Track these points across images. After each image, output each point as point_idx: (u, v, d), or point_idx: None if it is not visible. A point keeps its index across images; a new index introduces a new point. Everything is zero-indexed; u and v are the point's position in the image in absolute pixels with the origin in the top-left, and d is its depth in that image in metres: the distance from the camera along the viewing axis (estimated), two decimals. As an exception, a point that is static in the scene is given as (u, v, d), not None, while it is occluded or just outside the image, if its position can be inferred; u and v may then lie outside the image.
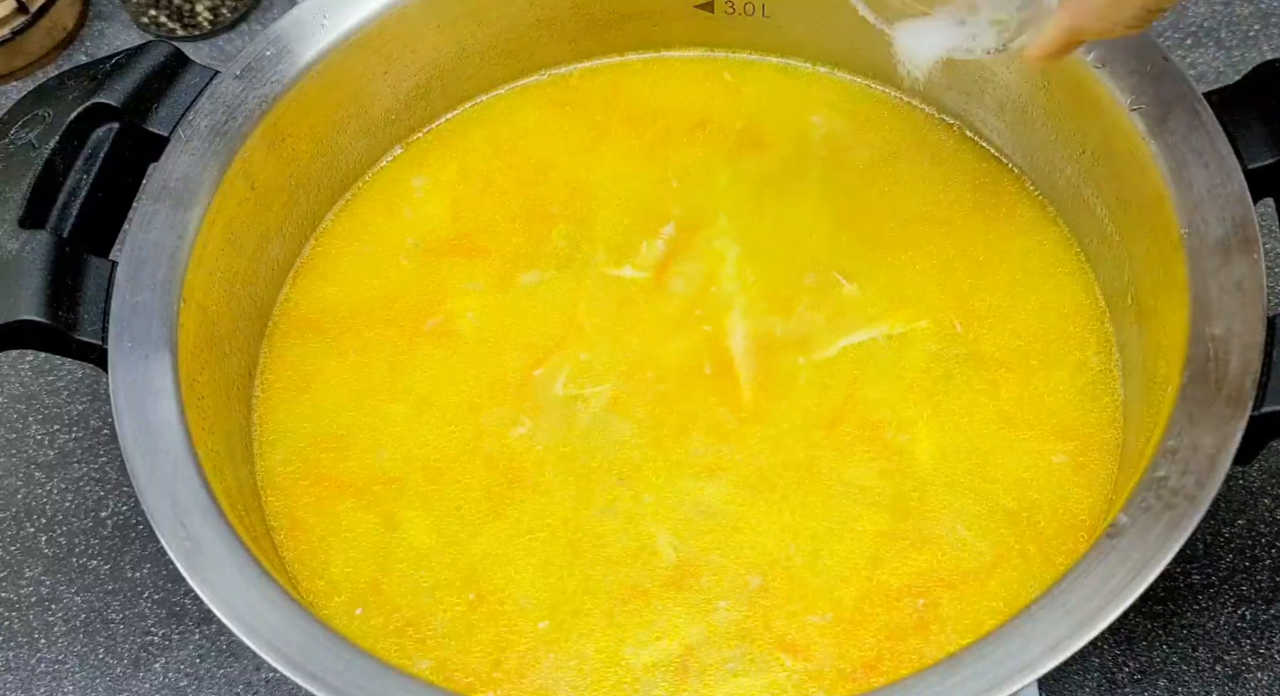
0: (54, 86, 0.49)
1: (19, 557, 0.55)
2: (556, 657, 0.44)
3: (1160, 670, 0.49)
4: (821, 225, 0.52)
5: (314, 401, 0.50)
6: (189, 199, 0.47)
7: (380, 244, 0.54)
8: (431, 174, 0.56)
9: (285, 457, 0.49)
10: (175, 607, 0.53)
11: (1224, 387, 0.40)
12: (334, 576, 0.46)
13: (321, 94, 0.52)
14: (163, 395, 0.43)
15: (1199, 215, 0.43)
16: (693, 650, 0.44)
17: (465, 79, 0.57)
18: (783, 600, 0.44)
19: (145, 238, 0.46)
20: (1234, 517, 0.52)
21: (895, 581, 0.44)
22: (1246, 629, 0.50)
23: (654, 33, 0.56)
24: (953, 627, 0.43)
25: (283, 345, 0.52)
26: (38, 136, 0.47)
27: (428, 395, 0.50)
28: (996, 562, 0.45)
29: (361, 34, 0.52)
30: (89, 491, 0.57)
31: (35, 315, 0.43)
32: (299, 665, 0.38)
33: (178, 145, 0.48)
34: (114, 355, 0.44)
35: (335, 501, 0.48)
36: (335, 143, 0.54)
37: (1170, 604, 0.50)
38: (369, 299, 0.53)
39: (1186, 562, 0.51)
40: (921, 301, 0.50)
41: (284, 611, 0.39)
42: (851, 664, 0.43)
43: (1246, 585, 0.51)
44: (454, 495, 0.47)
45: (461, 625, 0.45)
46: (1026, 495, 0.46)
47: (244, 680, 0.52)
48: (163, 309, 0.45)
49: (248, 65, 0.50)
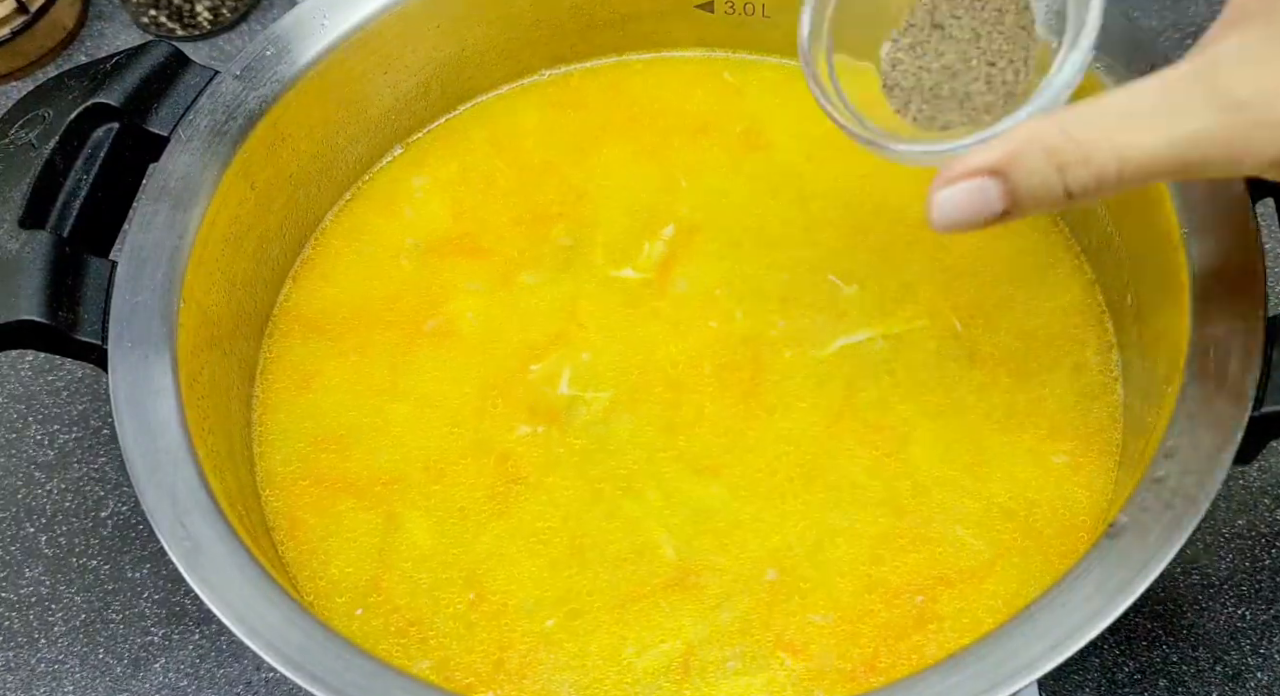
0: (54, 86, 0.49)
1: (19, 558, 0.55)
2: (558, 658, 0.44)
3: (1160, 670, 0.49)
4: (822, 226, 0.52)
5: (314, 401, 0.50)
6: (189, 199, 0.47)
7: (380, 244, 0.54)
8: (432, 174, 0.56)
9: (285, 457, 0.49)
10: (175, 607, 0.53)
11: (1224, 388, 0.40)
12: (334, 576, 0.46)
13: (322, 94, 0.52)
14: (163, 395, 0.43)
15: (1199, 215, 0.43)
16: (694, 649, 0.44)
17: (466, 79, 0.57)
18: (783, 599, 0.44)
19: (145, 238, 0.46)
20: (1234, 518, 0.52)
21: (894, 580, 0.44)
22: (1247, 629, 0.50)
23: (655, 33, 0.56)
24: (952, 626, 0.43)
25: (283, 345, 0.52)
26: (38, 136, 0.47)
27: (428, 395, 0.50)
28: (995, 562, 0.45)
29: (362, 34, 0.52)
30: (89, 491, 0.57)
31: (35, 315, 0.43)
32: (299, 665, 0.38)
33: (178, 145, 0.48)
34: (114, 355, 0.44)
35: (336, 501, 0.48)
36: (335, 142, 0.54)
37: (1170, 604, 0.50)
38: (369, 299, 0.52)
39: (1187, 563, 0.51)
40: (921, 301, 0.50)
41: (284, 611, 0.39)
42: (851, 662, 0.43)
43: (1247, 585, 0.51)
44: (455, 495, 0.47)
45: (462, 625, 0.45)
46: (1026, 495, 0.46)
47: (244, 680, 0.52)
48: (163, 309, 0.45)
49: (248, 65, 0.50)
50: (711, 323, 0.50)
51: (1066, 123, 0.33)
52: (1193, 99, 0.32)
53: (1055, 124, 0.33)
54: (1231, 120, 0.31)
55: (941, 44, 0.40)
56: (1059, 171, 0.33)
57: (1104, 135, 0.32)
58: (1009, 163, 0.33)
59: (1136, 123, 0.32)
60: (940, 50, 0.40)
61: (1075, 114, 0.33)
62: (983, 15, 0.40)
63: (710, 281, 0.51)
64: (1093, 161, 0.32)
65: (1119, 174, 0.32)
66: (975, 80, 0.39)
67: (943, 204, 0.34)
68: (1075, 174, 0.33)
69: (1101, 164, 0.32)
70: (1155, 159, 0.32)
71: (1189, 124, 0.32)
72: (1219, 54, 0.32)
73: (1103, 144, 0.32)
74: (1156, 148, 0.32)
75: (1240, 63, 0.31)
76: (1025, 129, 0.34)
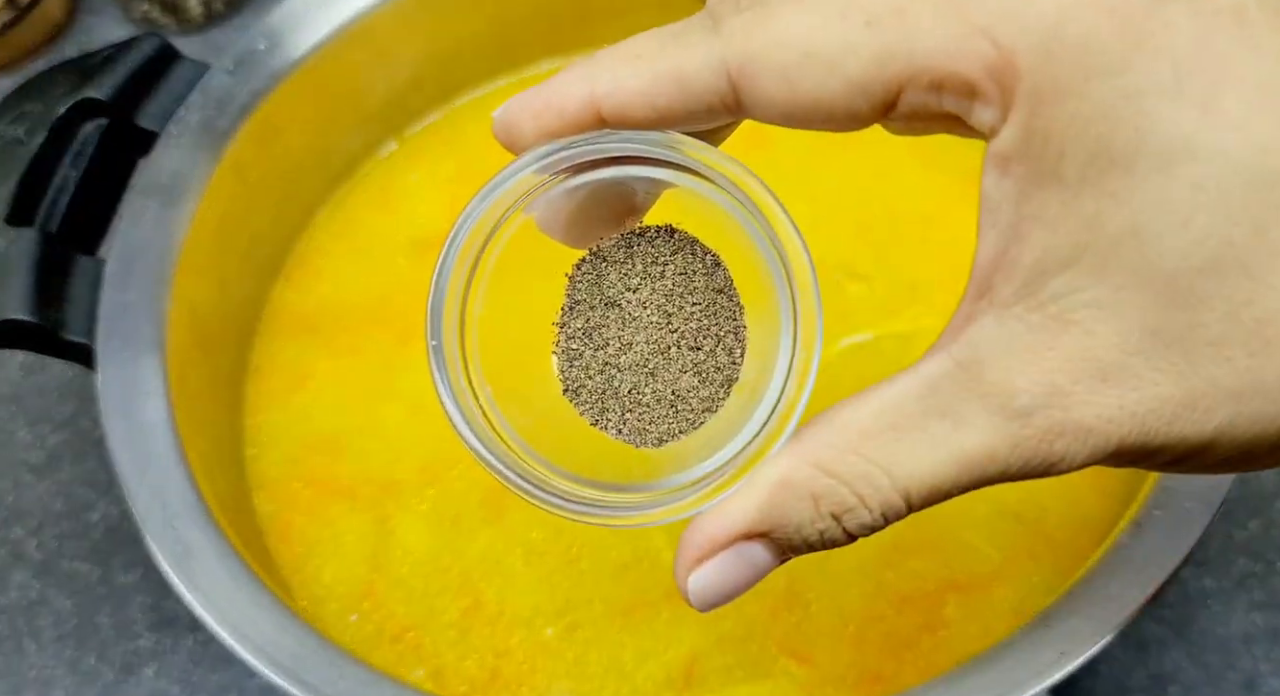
0: (43, 81, 0.48)
1: (7, 561, 0.54)
2: (556, 666, 0.43)
3: (1172, 677, 0.49)
4: (827, 225, 0.52)
5: (306, 402, 0.49)
6: (179, 195, 0.47)
7: (374, 241, 0.53)
8: (427, 169, 0.55)
9: (277, 460, 0.48)
10: (166, 613, 0.53)
11: (1238, 389, 0.39)
12: (327, 581, 0.45)
13: (314, 88, 0.51)
14: (152, 396, 0.43)
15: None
16: (696, 657, 0.43)
17: (461, 71, 0.56)
18: (787, 605, 0.44)
19: (134, 235, 0.46)
20: (1247, 521, 0.51)
21: (903, 586, 0.44)
22: (1260, 635, 0.49)
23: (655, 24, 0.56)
24: (961, 633, 0.43)
25: (274, 345, 0.51)
26: (25, 132, 0.46)
27: (422, 397, 0.49)
28: (1005, 567, 0.44)
29: (355, 26, 0.51)
30: (79, 494, 0.56)
31: (22, 314, 0.42)
32: (292, 673, 0.37)
33: (168, 140, 0.48)
34: (102, 355, 0.43)
35: (328, 505, 0.47)
36: (328, 138, 0.53)
37: (1182, 609, 0.50)
38: (362, 297, 0.52)
39: (1198, 567, 0.51)
40: (927, 300, 0.49)
41: (276, 618, 0.39)
42: (858, 670, 0.42)
43: (1260, 590, 0.50)
44: (450, 499, 0.47)
45: (457, 632, 0.44)
46: (1035, 499, 0.45)
47: (236, 686, 0.51)
48: (152, 308, 0.44)
49: (239, 59, 0.50)
50: (713, 322, 0.50)
51: (821, 456, 0.26)
52: (966, 404, 0.25)
53: (809, 458, 0.26)
54: (1017, 433, 0.25)
55: (624, 330, 0.31)
56: (835, 520, 0.27)
57: (873, 466, 0.26)
58: (770, 520, 0.27)
59: (908, 440, 0.26)
60: (624, 338, 0.31)
61: (828, 438, 0.27)
62: (664, 284, 0.31)
63: (712, 280, 0.51)
64: (872, 502, 0.26)
65: (908, 505, 0.26)
66: (682, 372, 0.31)
67: (704, 583, 0.28)
68: (856, 519, 0.26)
69: (884, 502, 0.26)
70: (943, 481, 0.26)
71: (970, 437, 0.25)
72: (978, 345, 0.26)
73: (876, 477, 0.26)
74: (942, 469, 0.25)
75: (1006, 355, 0.25)
76: (775, 473, 0.27)
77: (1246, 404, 0.24)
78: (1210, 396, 0.24)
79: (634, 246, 0.31)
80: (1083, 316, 0.24)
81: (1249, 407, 0.24)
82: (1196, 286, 0.23)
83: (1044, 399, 0.25)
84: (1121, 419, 0.25)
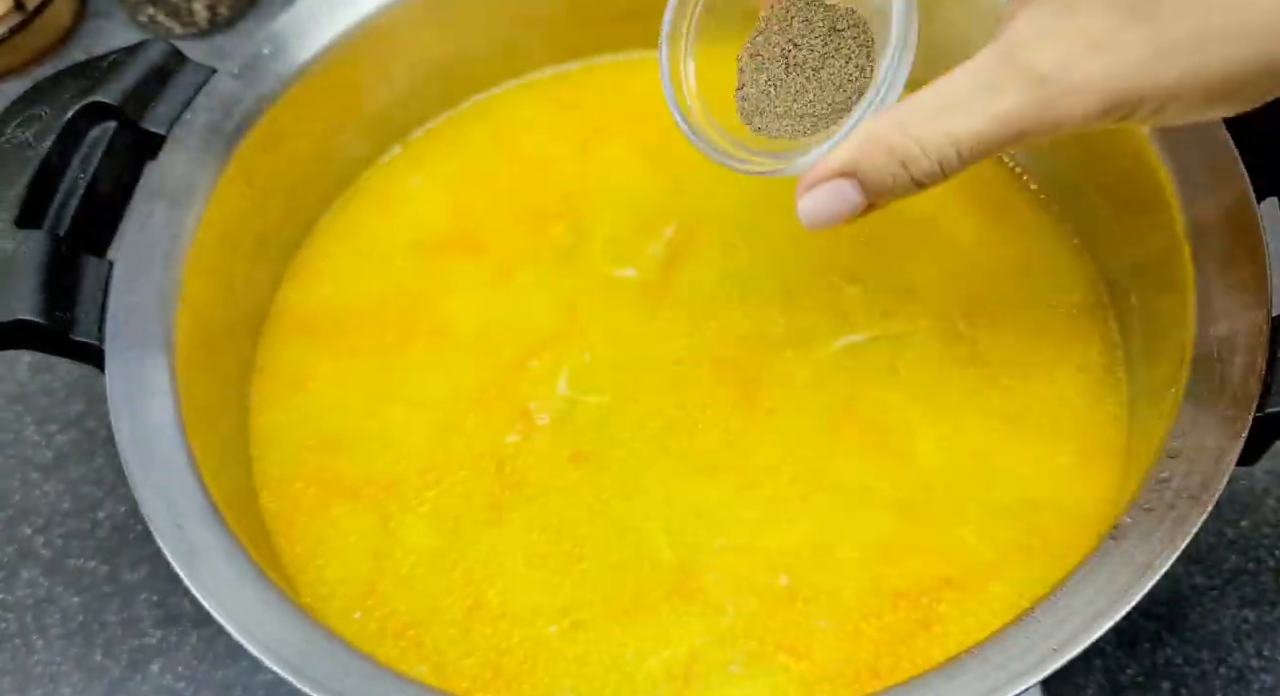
0: (50, 85, 0.49)
1: (15, 559, 0.55)
2: (558, 664, 0.43)
3: (1164, 673, 0.49)
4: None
5: (309, 403, 0.50)
6: (186, 198, 0.47)
7: (377, 243, 0.54)
8: (430, 173, 0.56)
9: (281, 459, 0.48)
10: (172, 609, 0.53)
11: (1228, 388, 0.40)
12: (331, 579, 0.46)
13: (319, 92, 0.51)
14: (159, 396, 0.43)
15: (1204, 215, 0.43)
16: (696, 654, 0.43)
17: (464, 77, 0.56)
18: (785, 602, 0.44)
19: (142, 237, 0.46)
20: (1238, 519, 0.52)
21: (898, 582, 0.44)
22: (1251, 631, 0.50)
23: (654, 30, 0.56)
24: (956, 628, 0.43)
25: (279, 346, 0.51)
26: (34, 135, 0.46)
27: (425, 396, 0.49)
28: (999, 563, 0.44)
29: (360, 31, 0.51)
30: (86, 492, 0.56)
31: (31, 315, 0.43)
32: (297, 668, 0.38)
33: (175, 144, 0.48)
34: (110, 356, 0.43)
35: (332, 504, 0.47)
36: (333, 141, 0.54)
37: (1174, 606, 0.50)
38: (365, 299, 0.52)
39: (1190, 564, 0.51)
40: (923, 301, 0.50)
41: (282, 614, 0.39)
42: (854, 666, 0.43)
43: (1250, 587, 0.50)
44: (452, 498, 0.47)
45: (460, 630, 0.44)
46: (1029, 496, 0.45)
47: (241, 683, 0.52)
48: (159, 309, 0.45)
49: (246, 63, 0.50)
50: (712, 323, 0.50)
51: (901, 119, 0.37)
52: (1002, 78, 0.35)
53: (891, 122, 0.37)
54: (1039, 95, 0.34)
55: (790, 68, 0.42)
56: (904, 166, 0.36)
57: (934, 125, 0.36)
58: (858, 164, 0.37)
59: (960, 107, 0.36)
60: (789, 67, 0.42)
61: (906, 110, 0.37)
62: (824, 44, 0.42)
63: (711, 281, 0.51)
64: (931, 152, 0.36)
65: (959, 157, 0.36)
66: (819, 97, 0.42)
67: (809, 207, 0.38)
68: (919, 166, 0.36)
69: (940, 152, 0.36)
70: (984, 137, 0.35)
71: (1004, 101, 0.35)
72: (1016, 33, 0.35)
73: (935, 134, 0.36)
74: (982, 127, 0.35)
75: (1035, 39, 0.35)
76: (864, 131, 0.37)
77: (1200, 53, 0.33)
78: (1172, 51, 0.33)
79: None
80: (1084, 5, 0.34)
81: (1200, 56, 0.33)
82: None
83: (1057, 68, 0.34)
84: (1110, 74, 0.34)
